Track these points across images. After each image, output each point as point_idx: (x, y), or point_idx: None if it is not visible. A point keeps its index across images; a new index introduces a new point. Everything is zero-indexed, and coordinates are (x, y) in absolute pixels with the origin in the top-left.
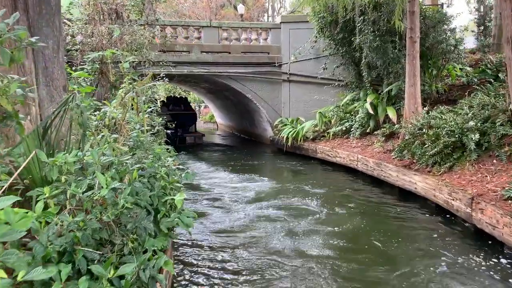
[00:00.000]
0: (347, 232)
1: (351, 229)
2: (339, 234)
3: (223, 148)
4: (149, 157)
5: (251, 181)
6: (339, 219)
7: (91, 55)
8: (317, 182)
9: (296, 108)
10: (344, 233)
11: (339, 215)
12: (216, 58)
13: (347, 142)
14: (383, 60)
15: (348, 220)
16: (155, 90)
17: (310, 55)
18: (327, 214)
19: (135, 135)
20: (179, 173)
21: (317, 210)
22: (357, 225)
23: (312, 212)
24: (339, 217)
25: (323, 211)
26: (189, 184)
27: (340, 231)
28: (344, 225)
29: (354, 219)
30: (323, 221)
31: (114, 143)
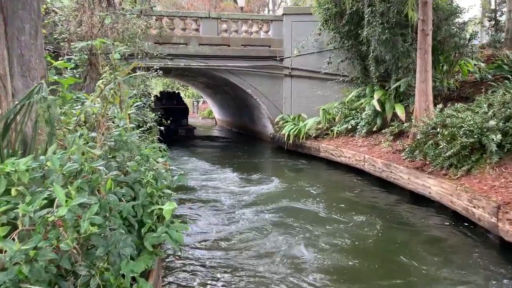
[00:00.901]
0: (357, 245)
1: (362, 241)
2: (350, 247)
3: (221, 145)
4: (135, 158)
5: (250, 182)
6: (347, 228)
7: (78, 45)
8: (321, 183)
9: (298, 104)
10: (355, 246)
11: (348, 223)
12: (214, 51)
13: (352, 140)
14: (392, 54)
15: (357, 229)
16: (148, 84)
17: (313, 49)
18: (334, 221)
19: (117, 133)
20: (171, 176)
21: (323, 216)
22: (367, 236)
23: (318, 219)
24: (348, 225)
25: (329, 217)
26: (183, 184)
27: (351, 244)
28: (354, 236)
29: (363, 228)
30: (331, 230)
31: (87, 144)
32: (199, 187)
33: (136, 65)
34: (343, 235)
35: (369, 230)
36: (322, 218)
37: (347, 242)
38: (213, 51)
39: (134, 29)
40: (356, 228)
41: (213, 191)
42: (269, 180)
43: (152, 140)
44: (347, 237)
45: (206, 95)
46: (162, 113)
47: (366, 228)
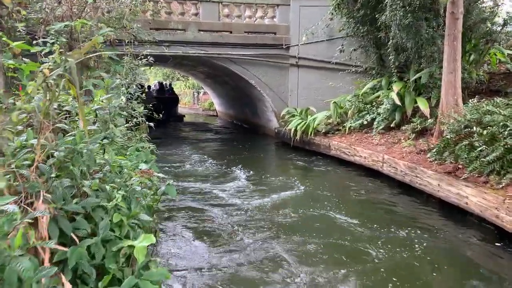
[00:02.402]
0: (388, 272)
1: (394, 266)
2: (378, 275)
3: (222, 139)
4: (104, 170)
5: (252, 183)
6: (372, 248)
7: (55, 26)
8: (335, 187)
9: (305, 96)
10: (385, 273)
11: (371, 241)
12: (215, 38)
13: (367, 138)
14: (415, 41)
15: (385, 249)
16: (137, 72)
17: (322, 36)
18: (366, 239)
19: (69, 139)
20: (155, 188)
21: (341, 232)
22: (401, 261)
23: (335, 235)
24: (372, 244)
25: (358, 233)
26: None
27: (379, 270)
28: (381, 258)
29: (393, 249)
30: (352, 252)
31: None
32: (193, 194)
33: (94, 43)
34: (372, 256)
35: (401, 251)
36: (341, 233)
37: (376, 264)
38: (213, 38)
39: (121, 8)
40: (383, 248)
41: (210, 200)
42: (275, 184)
43: (141, 138)
44: (376, 258)
45: (207, 85)
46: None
47: (397, 248)
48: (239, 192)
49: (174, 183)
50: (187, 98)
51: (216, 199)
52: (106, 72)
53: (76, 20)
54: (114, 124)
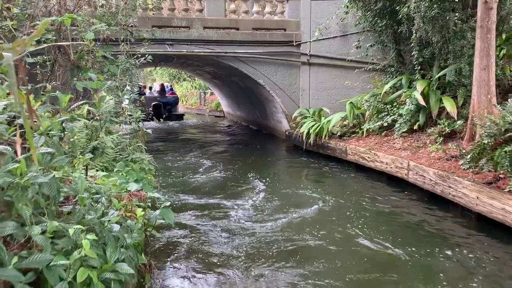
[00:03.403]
0: None
1: None
2: None
3: (230, 141)
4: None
5: (264, 196)
6: (410, 276)
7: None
8: (354, 199)
9: (317, 97)
10: None
11: (408, 268)
12: (221, 36)
13: (388, 141)
14: (442, 35)
15: (427, 279)
16: (133, 72)
17: (335, 32)
18: (389, 265)
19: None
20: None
21: (371, 258)
22: None
23: (364, 263)
24: (411, 272)
25: (379, 258)
26: (167, 181)
27: None
28: None
29: (436, 279)
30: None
31: None
32: (197, 211)
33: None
34: None
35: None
36: (380, 257)
37: None
38: (219, 35)
39: (116, 1)
40: (439, 280)
41: (216, 220)
42: (290, 198)
43: (136, 148)
44: None
45: (214, 86)
46: (156, 103)
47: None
48: (250, 209)
49: (174, 197)
50: (193, 99)
51: (223, 218)
52: (99, 73)
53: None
54: (109, 131)
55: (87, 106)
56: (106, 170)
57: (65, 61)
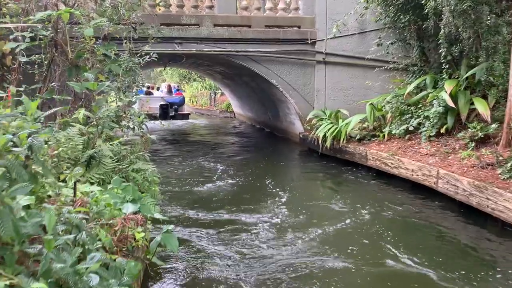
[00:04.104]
0: None
1: None
2: None
3: (241, 144)
4: None
5: (279, 209)
6: None
7: (36, 17)
8: (379, 211)
9: (333, 97)
10: None
11: None
12: (233, 34)
13: (412, 146)
14: (473, 30)
15: None
16: (136, 71)
17: (353, 29)
18: None
19: None
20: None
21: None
22: None
23: None
24: None
25: (417, 283)
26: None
27: None
28: None
29: None
30: None
31: None
32: (204, 229)
33: None
34: None
35: None
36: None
37: None
38: (231, 33)
39: None
40: None
41: (227, 240)
42: (308, 210)
43: (139, 156)
44: None
45: (224, 86)
46: (163, 103)
47: None
48: (264, 225)
49: (179, 210)
50: (203, 100)
51: (234, 236)
52: (100, 73)
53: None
54: (110, 137)
55: (83, 110)
56: (103, 183)
57: (63, 60)
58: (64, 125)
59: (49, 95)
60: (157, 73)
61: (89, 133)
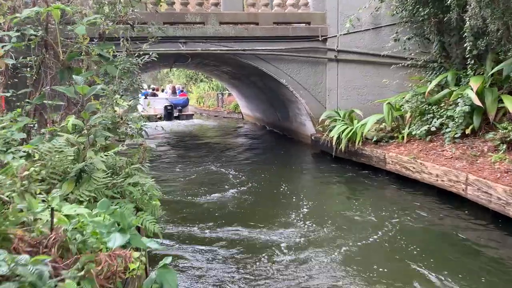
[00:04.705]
0: None
1: None
2: None
3: (249, 146)
4: None
5: (290, 215)
6: None
7: (23, 14)
8: (405, 223)
9: (346, 97)
10: None
11: None
12: (239, 32)
13: (435, 148)
14: (503, 22)
15: None
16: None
17: (366, 25)
18: None
19: None
20: None
21: None
22: None
23: None
24: None
25: None
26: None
27: None
28: None
29: None
30: None
31: None
32: (209, 250)
33: None
34: None
35: None
36: None
37: None
38: (237, 31)
39: None
40: None
41: (237, 264)
42: (326, 223)
43: (138, 168)
44: None
45: (232, 86)
46: (167, 104)
47: None
48: (279, 242)
49: (181, 226)
50: (210, 101)
51: (247, 260)
52: (96, 75)
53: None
54: (106, 145)
55: (73, 117)
56: (95, 201)
57: (55, 62)
58: (52, 135)
59: (40, 100)
60: (164, 74)
61: (79, 144)
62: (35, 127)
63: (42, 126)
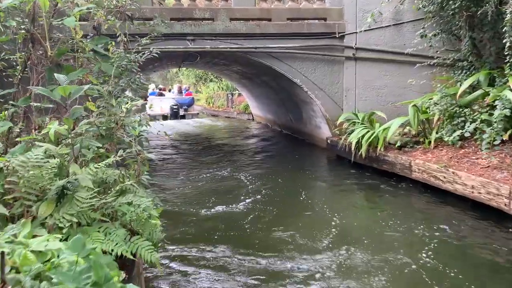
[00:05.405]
0: None
1: None
2: None
3: (260, 149)
4: None
5: (306, 232)
6: None
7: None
8: (431, 236)
9: (364, 97)
10: None
11: None
12: (251, 28)
13: (467, 155)
14: None
15: None
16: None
17: (387, 21)
18: None
19: None
20: None
21: None
22: None
23: None
24: None
25: None
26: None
27: None
28: None
29: None
30: None
31: None
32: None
33: None
34: None
35: None
36: None
37: None
38: (249, 28)
39: None
40: None
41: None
42: (350, 237)
43: (136, 182)
44: None
45: (242, 86)
46: (174, 103)
47: None
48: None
49: (185, 251)
50: (220, 101)
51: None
52: (90, 74)
53: None
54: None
55: (55, 124)
56: (79, 225)
57: (41, 57)
58: (32, 144)
59: (25, 102)
60: (173, 74)
61: (61, 156)
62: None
63: (29, 133)
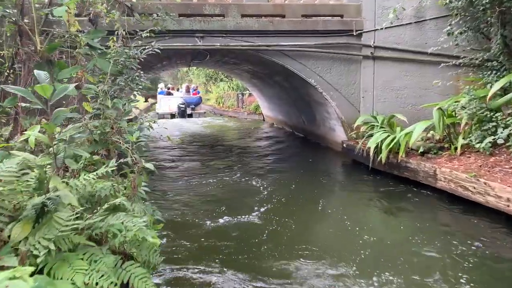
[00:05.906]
0: None
1: None
2: None
3: (273, 152)
4: None
5: (325, 248)
6: None
7: None
8: (464, 255)
9: (383, 99)
10: None
11: None
12: (263, 25)
13: (499, 164)
14: None
15: None
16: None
17: (408, 18)
18: None
19: None
20: None
21: None
22: None
23: None
24: None
25: None
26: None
27: None
28: None
29: None
30: None
31: None
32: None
33: None
34: None
35: None
36: None
37: None
38: (261, 24)
39: None
40: None
41: None
42: (374, 257)
43: (132, 196)
44: None
45: (253, 86)
46: (182, 102)
47: None
48: None
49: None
50: (230, 101)
51: None
52: (84, 70)
53: None
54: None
55: (36, 129)
56: (59, 251)
57: (29, 52)
58: (8, 154)
59: (12, 102)
60: (184, 73)
61: (40, 167)
62: None
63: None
